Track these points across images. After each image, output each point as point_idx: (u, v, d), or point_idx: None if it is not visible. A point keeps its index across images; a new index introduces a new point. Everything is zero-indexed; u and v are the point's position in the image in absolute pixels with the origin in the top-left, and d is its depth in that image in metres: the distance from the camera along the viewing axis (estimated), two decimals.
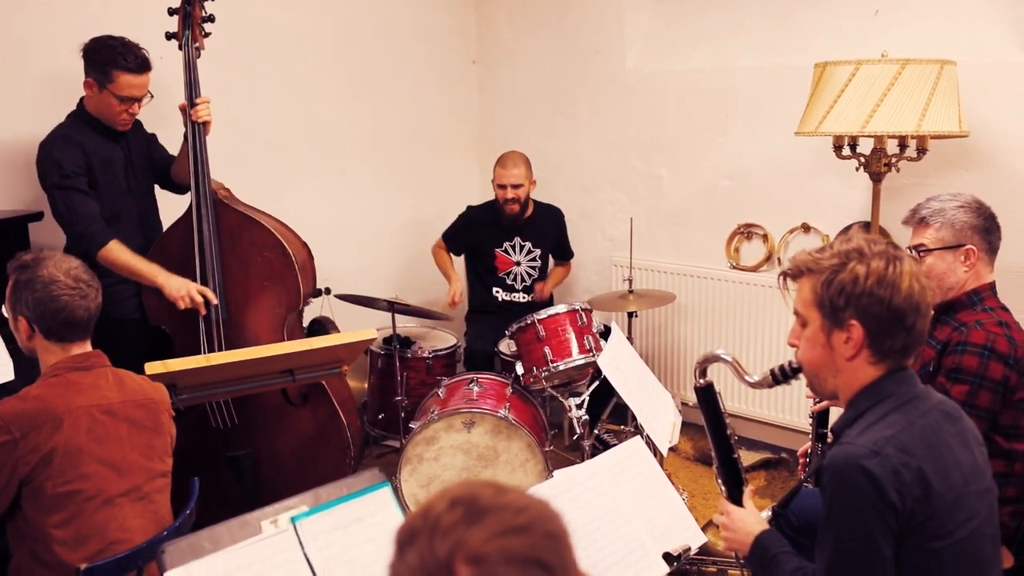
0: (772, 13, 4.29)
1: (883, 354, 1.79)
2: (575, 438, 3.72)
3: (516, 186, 4.42)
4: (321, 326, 4.05)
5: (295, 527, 1.84)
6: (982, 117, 3.54)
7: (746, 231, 4.41)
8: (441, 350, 4.25)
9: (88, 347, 2.30)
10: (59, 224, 3.24)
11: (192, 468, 2.53)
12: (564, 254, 4.77)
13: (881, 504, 1.65)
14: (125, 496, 2.19)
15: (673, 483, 2.60)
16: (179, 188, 3.63)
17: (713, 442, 2.30)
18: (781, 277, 1.96)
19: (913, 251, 2.64)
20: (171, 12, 3.40)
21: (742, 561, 2.31)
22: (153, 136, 3.60)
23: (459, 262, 4.77)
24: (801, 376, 1.97)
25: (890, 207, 3.54)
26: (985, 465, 1.84)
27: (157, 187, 3.64)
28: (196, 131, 3.36)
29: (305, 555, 1.82)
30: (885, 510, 1.65)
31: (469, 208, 4.69)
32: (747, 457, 4.32)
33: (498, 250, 4.57)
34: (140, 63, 3.24)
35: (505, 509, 0.97)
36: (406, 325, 4.49)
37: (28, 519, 2.10)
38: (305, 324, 3.87)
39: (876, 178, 3.50)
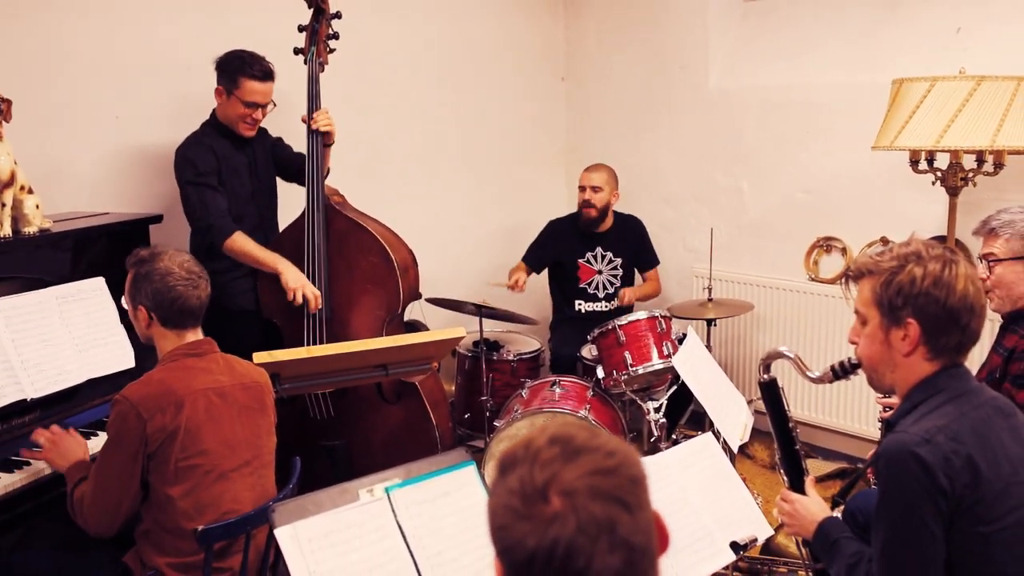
0: (853, 31, 4.39)
1: (938, 351, 1.90)
2: (652, 441, 3.85)
3: (595, 189, 4.60)
4: (413, 328, 4.27)
5: (389, 496, 2.05)
6: None
7: (825, 244, 4.49)
8: (526, 353, 4.43)
9: (200, 334, 2.53)
10: (189, 218, 3.54)
11: (292, 454, 2.73)
12: (646, 263, 4.85)
13: (932, 488, 1.76)
14: (237, 471, 2.42)
15: (748, 488, 2.72)
16: None
17: (776, 435, 2.43)
18: (843, 279, 2.09)
19: (983, 260, 2.73)
20: (300, 29, 3.69)
21: (807, 561, 2.43)
22: (279, 139, 3.87)
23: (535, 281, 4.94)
24: (860, 372, 2.09)
25: (967, 221, 3.57)
26: None
27: (285, 183, 3.93)
28: (314, 140, 3.62)
29: (397, 522, 2.02)
30: (935, 494, 1.76)
31: (551, 221, 4.88)
32: (823, 467, 4.39)
33: (580, 260, 4.73)
34: (264, 72, 3.52)
35: (597, 451, 1.11)
36: (492, 330, 4.68)
37: (155, 489, 2.34)
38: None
39: (953, 192, 3.57)
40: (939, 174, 3.58)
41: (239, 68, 3.50)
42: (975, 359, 3.16)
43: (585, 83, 5.56)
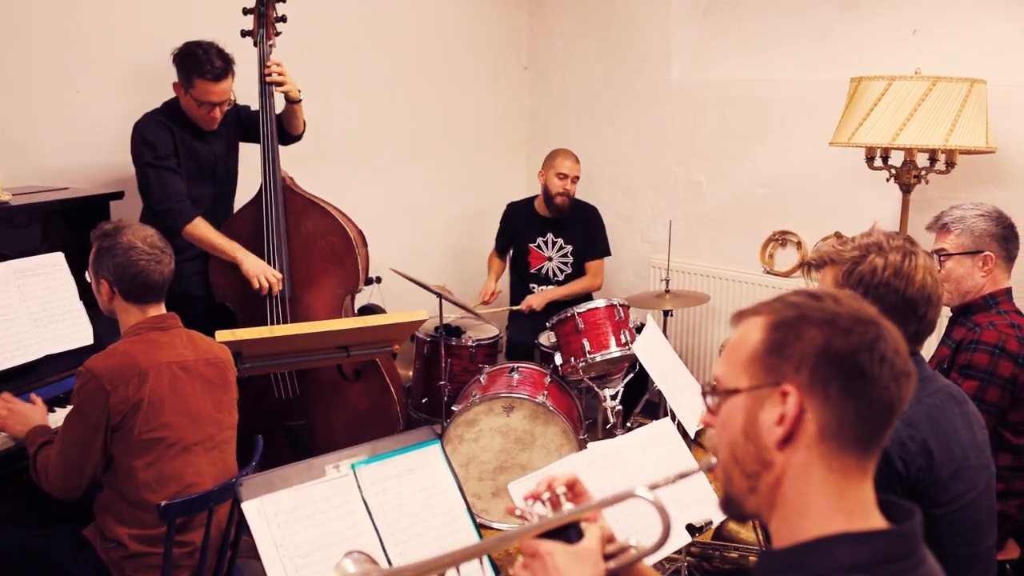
0: (812, 30, 4.47)
1: None
2: (608, 427, 3.91)
3: (575, 179, 4.66)
4: (370, 311, 4.28)
5: (355, 473, 2.06)
6: (1011, 135, 3.69)
7: (780, 238, 4.58)
8: (484, 339, 4.47)
9: (163, 309, 2.53)
10: (146, 200, 3.50)
11: (253, 434, 2.74)
12: (592, 252, 4.81)
13: (888, 472, 1.82)
14: (200, 445, 2.43)
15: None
16: (294, 139, 3.88)
17: None
18: (805, 267, 2.15)
19: (935, 255, 2.81)
20: (246, 12, 3.66)
21: (763, 546, 2.49)
22: (245, 107, 3.80)
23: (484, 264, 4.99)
24: None
25: (919, 218, 3.67)
26: (985, 445, 1.99)
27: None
28: (267, 121, 3.61)
29: (363, 498, 2.04)
30: (891, 478, 1.82)
31: (509, 204, 4.93)
32: None
33: (531, 245, 4.78)
34: (219, 73, 3.44)
35: None
36: (451, 315, 4.71)
37: (118, 461, 2.35)
38: (356, 310, 4.11)
39: (906, 189, 3.67)
40: (893, 171, 3.67)
41: (193, 68, 3.42)
42: (926, 352, 3.26)
43: (548, 73, 5.60)
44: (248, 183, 3.83)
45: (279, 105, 3.74)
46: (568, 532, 1.39)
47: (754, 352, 1.23)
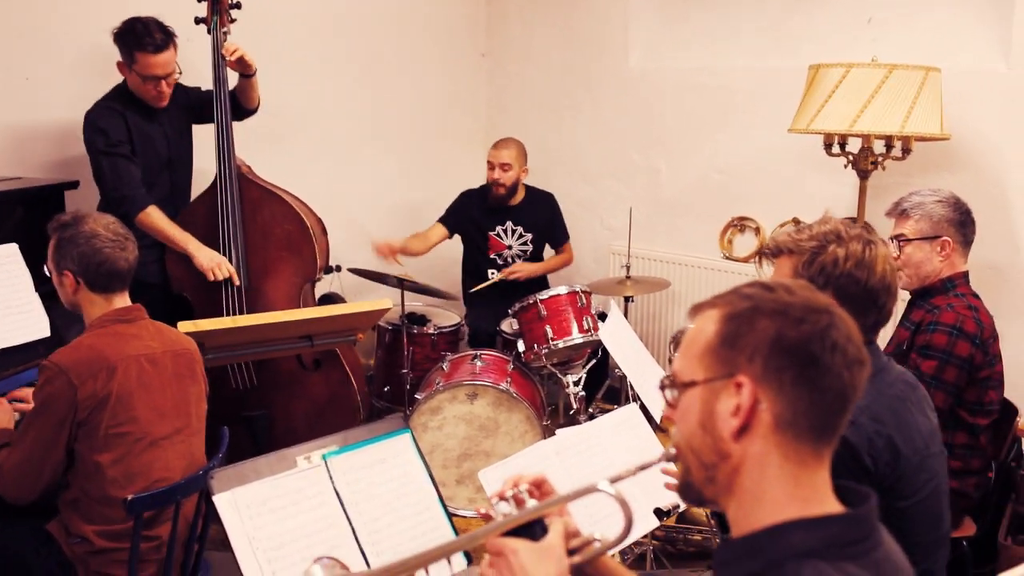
0: (769, 18, 4.51)
1: None
2: (571, 414, 3.92)
3: (504, 167, 4.59)
4: (331, 301, 4.25)
5: (326, 463, 2.05)
6: (964, 122, 3.75)
7: (739, 224, 4.62)
8: (446, 327, 4.45)
9: (127, 299, 2.48)
10: (100, 188, 3.44)
11: (211, 425, 2.69)
12: (559, 239, 4.84)
13: (856, 468, 1.82)
14: (168, 439, 2.39)
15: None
16: (249, 112, 3.86)
17: None
18: (758, 256, 2.14)
19: (894, 240, 2.85)
20: None
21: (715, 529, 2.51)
22: (196, 89, 3.75)
23: (443, 251, 4.96)
24: None
25: (875, 204, 3.74)
26: (937, 428, 2.00)
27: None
28: (222, 111, 3.56)
29: (335, 488, 2.03)
30: (859, 473, 1.82)
31: (464, 192, 4.83)
32: None
33: (491, 233, 4.74)
34: (159, 44, 3.38)
35: None
36: (411, 303, 4.68)
37: (83, 458, 2.29)
38: (316, 299, 4.07)
39: (863, 175, 3.72)
40: (851, 158, 3.72)
41: (134, 43, 3.37)
42: (886, 333, 3.31)
43: (505, 60, 5.58)
44: (204, 173, 3.77)
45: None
46: (533, 529, 1.40)
47: (708, 344, 1.25)
